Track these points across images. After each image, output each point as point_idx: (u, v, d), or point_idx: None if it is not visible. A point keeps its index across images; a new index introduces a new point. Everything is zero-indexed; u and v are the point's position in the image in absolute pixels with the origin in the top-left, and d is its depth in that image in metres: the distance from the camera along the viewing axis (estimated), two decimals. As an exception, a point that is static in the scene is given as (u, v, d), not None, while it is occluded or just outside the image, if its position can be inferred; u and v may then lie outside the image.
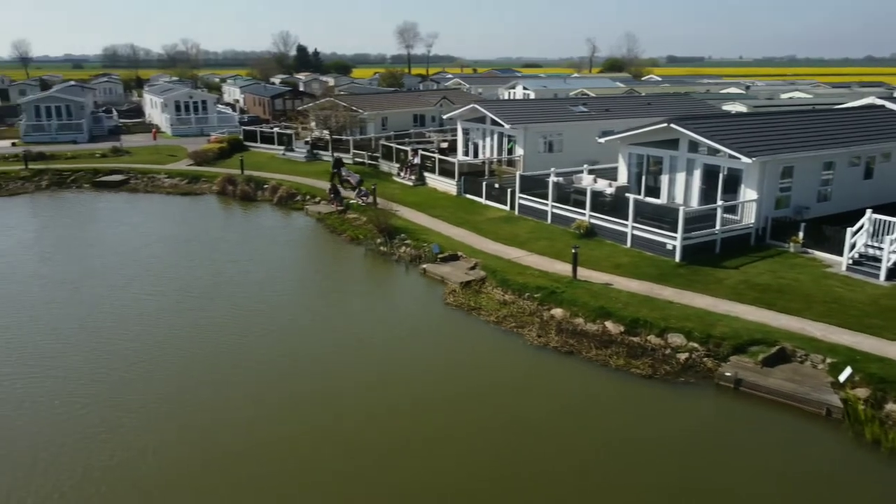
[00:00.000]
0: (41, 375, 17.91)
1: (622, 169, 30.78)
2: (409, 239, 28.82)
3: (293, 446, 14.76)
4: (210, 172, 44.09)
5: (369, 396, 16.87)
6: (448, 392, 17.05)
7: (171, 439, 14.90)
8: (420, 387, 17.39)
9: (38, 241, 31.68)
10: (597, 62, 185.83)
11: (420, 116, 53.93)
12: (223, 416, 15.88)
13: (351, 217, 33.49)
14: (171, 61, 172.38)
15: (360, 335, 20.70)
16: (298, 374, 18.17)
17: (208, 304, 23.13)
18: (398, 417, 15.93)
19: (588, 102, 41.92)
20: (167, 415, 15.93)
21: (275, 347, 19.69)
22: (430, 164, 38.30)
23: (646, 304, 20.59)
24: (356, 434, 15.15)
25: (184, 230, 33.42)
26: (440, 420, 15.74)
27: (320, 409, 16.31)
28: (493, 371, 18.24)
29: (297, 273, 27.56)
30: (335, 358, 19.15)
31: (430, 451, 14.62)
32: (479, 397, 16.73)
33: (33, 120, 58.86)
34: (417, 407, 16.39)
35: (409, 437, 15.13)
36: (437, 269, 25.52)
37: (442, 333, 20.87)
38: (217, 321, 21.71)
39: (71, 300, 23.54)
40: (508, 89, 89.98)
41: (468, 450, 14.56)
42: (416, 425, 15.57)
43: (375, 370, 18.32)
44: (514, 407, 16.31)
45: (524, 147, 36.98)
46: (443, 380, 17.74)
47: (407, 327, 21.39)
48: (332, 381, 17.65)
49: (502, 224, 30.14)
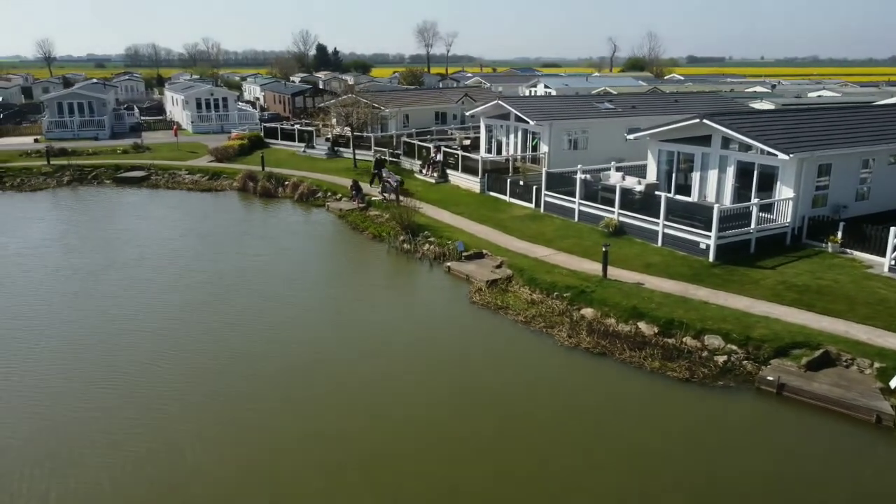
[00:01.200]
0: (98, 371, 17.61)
1: (651, 166, 30.00)
2: (433, 236, 28.26)
3: (319, 445, 14.30)
4: (231, 169, 43.83)
5: (397, 397, 16.33)
6: (478, 395, 16.45)
7: (206, 435, 14.47)
8: (448, 388, 16.81)
9: (65, 234, 31.51)
10: (617, 62, 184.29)
11: (442, 114, 53.38)
12: (250, 416, 15.44)
13: (373, 214, 32.99)
14: (191, 60, 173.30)
15: (384, 334, 20.17)
16: (324, 372, 17.66)
17: (234, 298, 22.82)
18: (427, 419, 15.38)
19: (614, 99, 41.13)
20: (199, 408, 15.52)
21: (301, 346, 19.23)
22: (453, 161, 37.72)
23: (680, 305, 19.87)
24: (383, 435, 14.62)
25: (206, 226, 33.13)
26: (470, 423, 15.15)
27: (346, 410, 15.79)
28: (523, 373, 17.62)
29: (319, 270, 27.10)
30: (360, 358, 18.62)
31: (459, 454, 14.03)
32: (509, 400, 16.13)
33: (56, 116, 59.03)
34: (446, 408, 15.82)
35: (438, 439, 14.57)
36: (461, 267, 24.92)
37: (469, 333, 20.27)
38: (243, 317, 21.32)
39: (100, 292, 23.31)
40: (529, 87, 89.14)
41: (500, 453, 13.97)
42: (446, 427, 15.00)
43: (401, 370, 17.77)
44: (547, 410, 15.69)
45: (549, 144, 36.28)
46: (472, 382, 17.13)
47: (432, 326, 20.84)
48: (356, 382, 17.12)
49: (528, 222, 29.48)
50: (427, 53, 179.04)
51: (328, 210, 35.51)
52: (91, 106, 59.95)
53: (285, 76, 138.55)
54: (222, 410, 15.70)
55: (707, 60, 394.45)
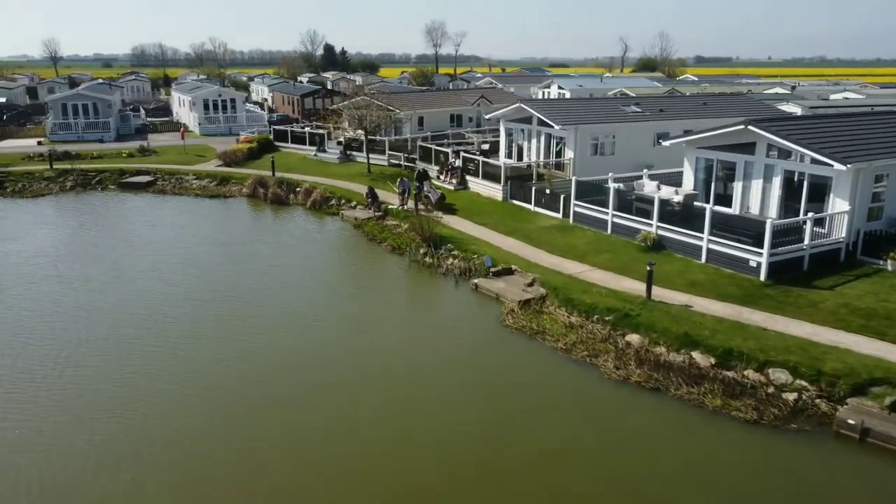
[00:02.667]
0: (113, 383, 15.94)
1: (688, 175, 28.18)
2: (457, 250, 26.49)
3: (342, 474, 13.00)
4: (239, 174, 42.16)
5: (423, 428, 14.69)
6: (515, 433, 14.68)
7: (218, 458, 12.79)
8: (480, 423, 15.06)
9: (69, 243, 29.86)
10: (628, 62, 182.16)
11: (457, 116, 51.60)
12: (267, 439, 13.80)
13: (390, 224, 31.26)
14: (198, 60, 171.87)
15: (410, 358, 18.46)
16: (342, 399, 16.00)
17: (247, 317, 21.15)
18: (457, 451, 13.77)
19: (640, 102, 39.29)
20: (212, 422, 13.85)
21: (316, 370, 17.53)
22: (473, 167, 35.96)
23: (737, 332, 18.07)
24: (408, 465, 13.06)
25: (216, 234, 31.47)
26: (506, 464, 13.38)
27: (366, 441, 14.18)
28: (567, 411, 15.85)
29: (337, 286, 25.35)
30: (383, 384, 16.92)
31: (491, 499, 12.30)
32: (556, 449, 14.31)
33: (60, 118, 57.52)
34: (479, 444, 14.05)
35: (468, 477, 12.82)
36: (490, 284, 23.15)
37: (502, 361, 18.48)
38: (257, 334, 19.68)
39: (110, 306, 21.63)
40: (543, 88, 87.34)
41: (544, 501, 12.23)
42: (477, 466, 13.24)
43: (429, 398, 16.11)
44: (597, 459, 13.93)
45: (574, 149, 34.49)
46: (507, 418, 15.37)
47: (461, 351, 19.03)
48: (379, 411, 15.43)
49: (556, 234, 27.70)
50: (436, 53, 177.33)
51: (343, 219, 33.79)
52: (96, 107, 58.43)
53: (293, 76, 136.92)
54: (242, 440, 14.13)
55: (714, 60, 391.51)
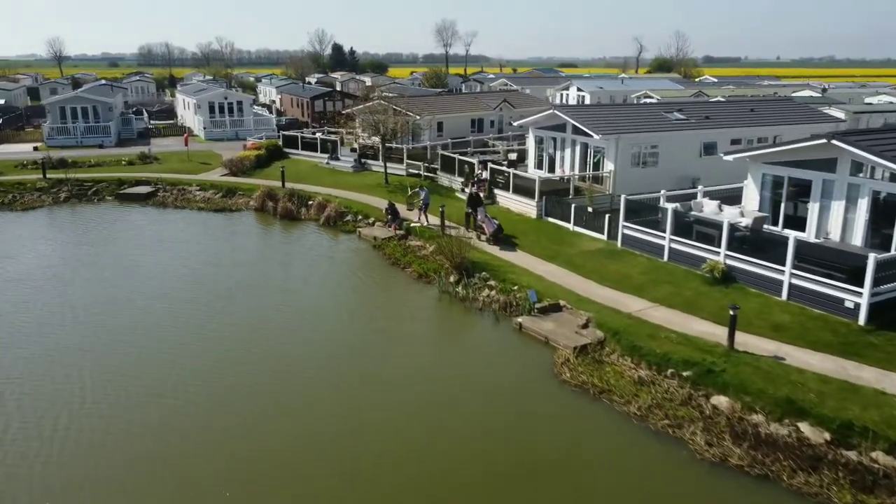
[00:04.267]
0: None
1: (751, 193, 24.94)
2: (493, 279, 23.31)
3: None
4: (247, 184, 39.09)
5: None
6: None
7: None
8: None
9: (61, 264, 26.78)
10: (642, 62, 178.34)
11: (478, 121, 48.44)
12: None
13: (414, 244, 28.11)
14: (204, 60, 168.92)
15: (440, 425, 15.28)
16: (346, 464, 12.85)
17: (261, 351, 18.07)
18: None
19: (684, 109, 36.02)
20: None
21: (326, 421, 14.39)
22: (502, 180, 32.78)
23: (848, 396, 14.87)
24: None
25: (222, 255, 28.36)
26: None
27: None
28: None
29: (357, 318, 22.12)
30: (407, 461, 13.79)
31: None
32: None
33: (58, 122, 54.59)
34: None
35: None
36: (537, 324, 19.96)
37: (564, 432, 15.19)
38: (275, 379, 16.63)
39: (113, 342, 18.54)
40: (561, 91, 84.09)
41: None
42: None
43: (474, 475, 12.89)
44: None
45: (616, 161, 31.29)
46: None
47: (508, 417, 15.65)
48: (425, 490, 12.31)
49: (604, 259, 24.50)
50: (446, 53, 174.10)
51: (360, 237, 30.66)
52: (96, 111, 55.51)
53: (301, 77, 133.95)
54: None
55: (723, 60, 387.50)
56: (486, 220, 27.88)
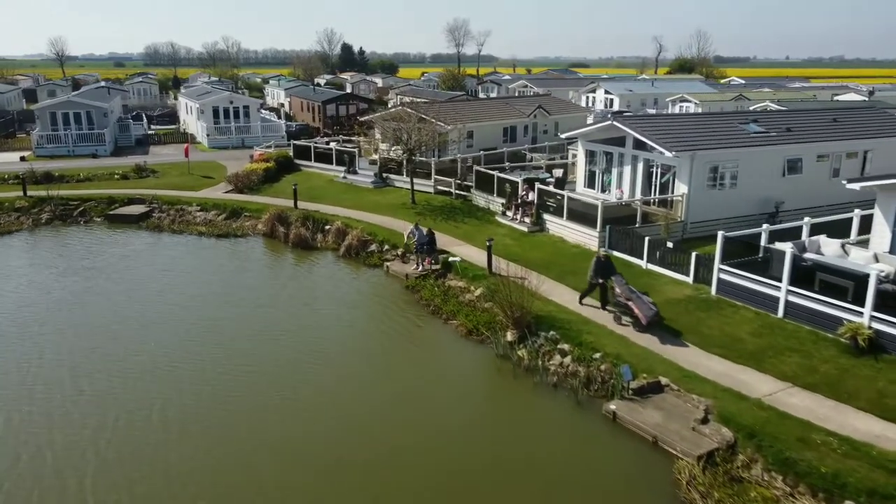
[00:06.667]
0: None
1: (882, 231, 20.10)
2: (565, 341, 18.47)
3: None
4: (254, 204, 34.36)
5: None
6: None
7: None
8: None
9: (36, 302, 22.14)
10: (657, 62, 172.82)
11: (511, 129, 43.58)
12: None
13: (455, 286, 23.30)
14: (210, 60, 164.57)
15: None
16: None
17: (287, 426, 13.26)
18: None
19: (760, 119, 31.11)
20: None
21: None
22: (554, 203, 27.97)
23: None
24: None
25: (225, 297, 23.67)
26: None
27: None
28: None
29: (394, 388, 17.33)
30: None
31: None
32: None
33: (48, 129, 49.90)
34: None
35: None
36: (638, 414, 15.13)
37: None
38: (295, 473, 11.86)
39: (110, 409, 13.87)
40: (587, 93, 79.16)
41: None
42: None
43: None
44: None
45: (690, 182, 26.45)
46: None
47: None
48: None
49: (698, 313, 19.63)
50: (458, 53, 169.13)
51: (388, 273, 25.90)
52: (90, 116, 50.77)
53: (309, 77, 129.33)
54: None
55: (732, 60, 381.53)
56: (633, 296, 19.17)
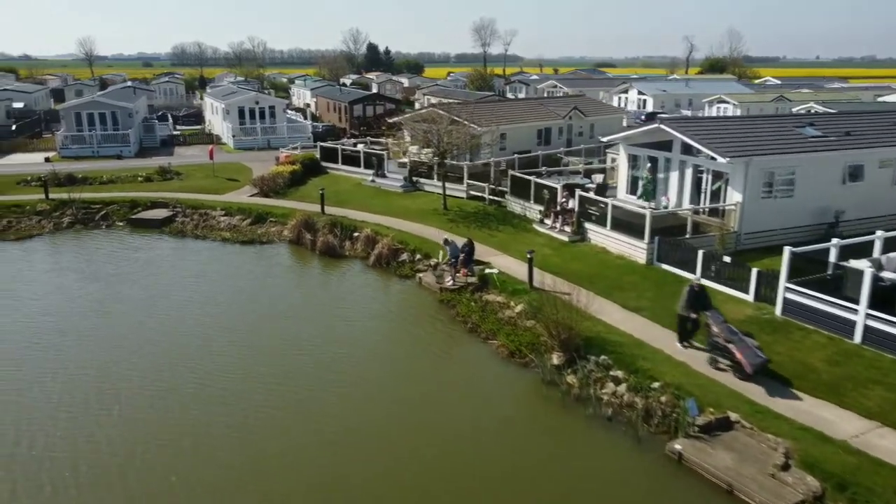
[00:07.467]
0: None
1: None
2: (618, 367, 16.84)
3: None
4: (280, 208, 33.12)
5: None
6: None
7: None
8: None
9: (54, 312, 21.07)
10: (688, 62, 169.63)
11: (545, 131, 41.90)
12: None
13: (494, 300, 21.76)
14: (236, 60, 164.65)
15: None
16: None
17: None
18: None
19: (816, 122, 29.13)
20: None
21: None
22: (596, 211, 26.31)
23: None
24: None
25: (256, 309, 22.40)
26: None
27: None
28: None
29: (426, 427, 15.88)
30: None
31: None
32: None
33: (73, 130, 49.28)
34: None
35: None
36: (707, 456, 13.46)
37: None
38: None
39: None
40: (619, 93, 77.11)
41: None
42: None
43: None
44: None
45: (745, 190, 24.63)
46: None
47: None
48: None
49: (764, 336, 17.74)
50: (484, 53, 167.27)
51: (421, 284, 24.44)
52: (115, 117, 50.07)
53: (335, 77, 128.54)
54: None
55: (761, 60, 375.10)
56: (735, 338, 15.85)
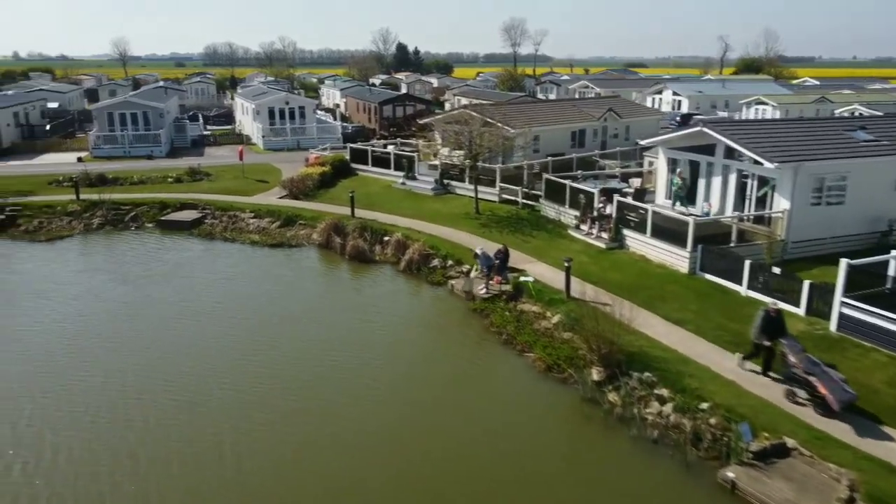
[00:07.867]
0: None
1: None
2: (663, 384, 15.94)
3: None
4: (309, 211, 32.67)
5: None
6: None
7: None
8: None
9: (80, 318, 20.82)
10: (723, 62, 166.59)
11: (579, 133, 40.94)
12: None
13: (529, 310, 20.96)
14: (267, 60, 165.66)
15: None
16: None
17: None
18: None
19: (868, 125, 27.84)
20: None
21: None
22: (635, 217, 25.35)
23: None
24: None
25: (285, 314, 21.89)
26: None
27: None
28: None
29: (460, 444, 15.17)
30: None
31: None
32: None
33: (105, 130, 49.49)
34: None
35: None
36: (762, 487, 12.54)
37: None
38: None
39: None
40: (653, 94, 75.63)
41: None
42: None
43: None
44: None
45: (793, 197, 23.50)
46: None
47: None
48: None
49: (819, 354, 16.57)
50: (514, 53, 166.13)
51: (453, 291, 23.73)
52: (146, 117, 50.21)
53: (364, 77, 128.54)
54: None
55: (796, 60, 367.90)
56: (817, 369, 14.54)
